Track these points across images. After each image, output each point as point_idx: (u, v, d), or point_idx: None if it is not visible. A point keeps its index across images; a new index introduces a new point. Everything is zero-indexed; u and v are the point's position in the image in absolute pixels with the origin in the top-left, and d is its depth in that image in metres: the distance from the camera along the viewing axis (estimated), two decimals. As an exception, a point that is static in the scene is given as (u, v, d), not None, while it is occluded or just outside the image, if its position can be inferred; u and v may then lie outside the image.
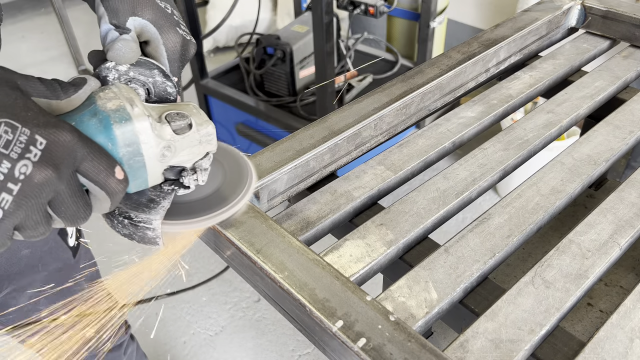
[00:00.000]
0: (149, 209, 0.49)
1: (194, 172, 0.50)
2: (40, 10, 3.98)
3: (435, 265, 0.56)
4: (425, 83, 0.79)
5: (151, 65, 0.51)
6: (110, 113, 0.43)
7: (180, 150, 0.48)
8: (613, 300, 0.69)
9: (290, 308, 0.51)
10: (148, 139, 0.45)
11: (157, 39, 0.51)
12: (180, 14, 0.54)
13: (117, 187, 0.43)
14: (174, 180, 0.50)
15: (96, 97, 0.44)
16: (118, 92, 0.45)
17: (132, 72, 0.50)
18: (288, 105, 2.15)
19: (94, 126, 0.43)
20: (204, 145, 0.50)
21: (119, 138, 0.43)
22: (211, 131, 0.50)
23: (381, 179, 0.68)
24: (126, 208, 0.49)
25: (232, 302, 1.96)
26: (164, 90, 0.52)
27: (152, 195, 0.50)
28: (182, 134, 0.47)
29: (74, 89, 0.44)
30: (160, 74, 0.51)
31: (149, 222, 0.49)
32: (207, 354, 1.81)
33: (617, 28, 0.94)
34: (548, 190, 0.65)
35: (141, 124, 0.44)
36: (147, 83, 0.51)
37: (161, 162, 0.47)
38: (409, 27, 2.31)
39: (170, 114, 0.47)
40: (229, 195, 0.54)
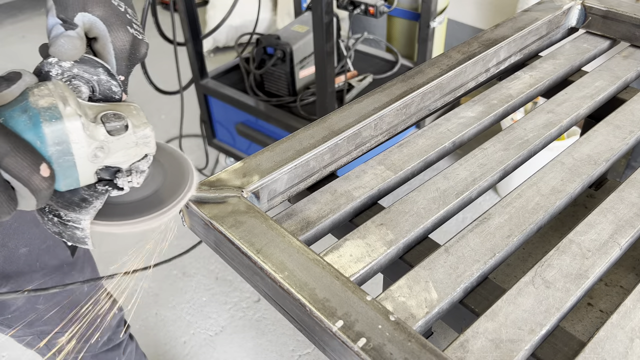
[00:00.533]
0: (80, 208, 0.48)
1: (130, 174, 0.50)
2: (40, 10, 3.98)
3: (435, 265, 0.56)
4: (425, 83, 0.79)
5: (95, 63, 0.50)
6: (40, 110, 0.42)
7: (114, 152, 0.47)
8: (613, 300, 0.69)
9: (290, 308, 0.51)
10: (79, 139, 0.44)
11: (106, 36, 0.50)
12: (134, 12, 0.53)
13: (41, 185, 0.42)
14: (108, 180, 0.49)
15: (29, 93, 0.43)
16: (53, 90, 0.44)
17: (75, 69, 0.49)
18: (288, 105, 2.15)
19: (23, 123, 0.42)
20: (140, 147, 0.49)
21: (47, 136, 0.42)
22: (149, 133, 0.49)
23: (381, 178, 0.68)
24: (57, 206, 0.48)
25: (232, 302, 1.96)
26: (109, 89, 0.51)
27: (85, 195, 0.49)
28: (117, 135, 0.46)
29: (6, 84, 0.43)
30: (105, 72, 0.51)
31: (77, 222, 0.48)
32: (207, 354, 1.81)
33: (617, 28, 0.94)
34: (548, 190, 0.65)
35: (72, 123, 0.43)
36: (92, 81, 0.50)
37: (93, 162, 0.46)
38: (409, 27, 2.31)
39: (107, 115, 0.47)
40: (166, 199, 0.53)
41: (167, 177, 0.55)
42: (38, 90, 0.44)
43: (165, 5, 3.95)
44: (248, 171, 0.64)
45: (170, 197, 0.53)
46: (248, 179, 0.63)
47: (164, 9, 3.94)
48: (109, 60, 0.51)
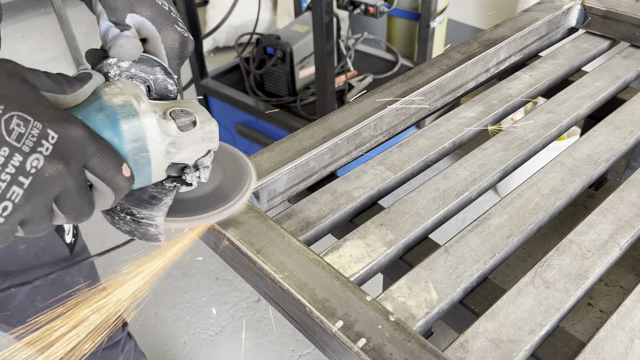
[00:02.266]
0: (151, 205, 0.49)
1: (196, 170, 0.50)
2: (40, 10, 3.98)
3: (435, 266, 0.56)
4: (425, 83, 0.79)
5: (153, 62, 0.51)
6: (117, 108, 0.43)
7: (184, 147, 0.48)
8: (613, 300, 0.69)
9: (290, 308, 0.51)
10: (154, 135, 0.44)
11: (156, 36, 0.51)
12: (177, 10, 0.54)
13: (123, 185, 0.43)
14: (175, 177, 0.50)
15: (102, 92, 0.44)
16: (124, 88, 0.45)
17: (133, 69, 0.50)
18: (288, 105, 2.15)
19: (101, 121, 0.42)
20: (206, 142, 0.50)
21: (125, 133, 0.43)
22: (214, 129, 0.50)
23: (381, 179, 0.68)
24: (128, 204, 0.48)
25: (232, 302, 1.96)
26: (165, 88, 0.52)
27: (154, 192, 0.49)
28: (187, 130, 0.47)
29: (79, 84, 0.43)
30: (162, 71, 0.51)
31: (151, 219, 0.48)
32: (207, 354, 1.81)
33: (617, 28, 0.94)
34: (548, 190, 0.65)
35: (148, 119, 0.44)
36: (148, 80, 0.51)
37: (166, 158, 0.47)
38: (409, 27, 2.31)
39: (175, 111, 0.47)
40: (230, 193, 0.53)
41: (226, 171, 0.56)
42: (109, 89, 0.44)
43: (165, 5, 3.94)
44: (248, 171, 0.64)
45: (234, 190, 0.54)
46: (248, 179, 0.63)
47: (164, 9, 3.93)
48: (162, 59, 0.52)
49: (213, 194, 0.53)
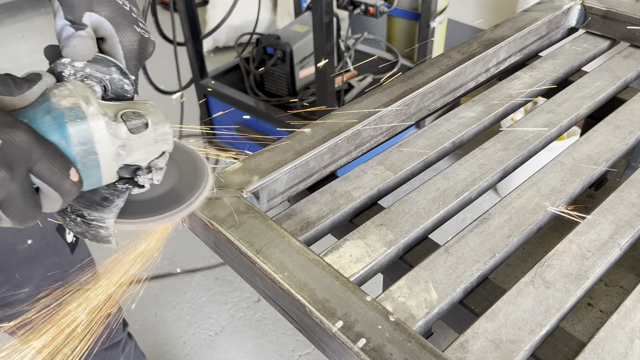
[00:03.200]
0: (102, 207, 0.48)
1: (149, 171, 0.50)
2: (40, 10, 3.98)
3: (435, 266, 0.56)
4: (425, 83, 0.79)
5: (108, 62, 0.50)
6: (64, 111, 0.42)
7: (135, 150, 0.47)
8: (613, 301, 0.69)
9: (290, 308, 0.51)
10: (103, 138, 0.44)
11: (114, 36, 0.50)
12: (139, 10, 0.53)
13: (71, 189, 0.42)
14: (128, 179, 0.50)
15: (50, 94, 0.43)
16: (73, 90, 0.44)
17: (88, 69, 0.49)
18: (288, 105, 2.15)
19: (48, 124, 0.42)
20: (159, 144, 0.49)
21: (72, 136, 0.42)
22: (167, 130, 0.49)
23: (381, 179, 0.68)
24: (79, 206, 0.48)
25: (232, 302, 1.95)
26: (121, 88, 0.51)
27: (106, 194, 0.49)
28: (138, 133, 0.47)
29: (27, 85, 0.43)
30: (118, 71, 0.51)
31: (101, 221, 0.48)
32: (207, 354, 1.81)
33: (617, 28, 0.94)
34: (548, 190, 0.65)
35: (96, 122, 0.43)
36: (104, 80, 0.50)
37: (116, 161, 0.46)
38: (409, 27, 2.31)
39: (126, 113, 0.47)
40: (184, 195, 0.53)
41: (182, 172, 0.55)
42: (58, 90, 0.44)
43: (165, 5, 3.94)
44: (248, 171, 0.64)
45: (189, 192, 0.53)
46: (248, 179, 0.63)
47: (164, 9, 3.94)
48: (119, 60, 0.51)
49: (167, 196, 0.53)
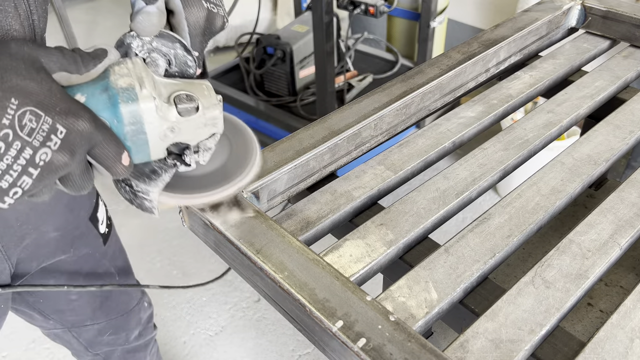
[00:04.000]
0: (150, 179, 0.51)
1: (197, 151, 0.52)
2: (40, 10, 3.97)
3: (435, 265, 0.56)
4: (425, 83, 0.79)
5: (173, 38, 0.52)
6: (119, 91, 0.45)
7: (184, 131, 0.49)
8: (613, 300, 0.69)
9: (290, 308, 0.51)
10: (152, 120, 0.46)
11: (180, 11, 0.51)
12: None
13: (121, 172, 0.46)
14: (177, 155, 0.52)
15: (111, 72, 0.46)
16: (132, 69, 0.46)
17: (155, 43, 0.51)
18: (288, 105, 2.15)
19: (104, 102, 0.45)
20: (209, 127, 0.51)
21: (124, 116, 0.45)
22: (217, 115, 0.51)
23: (381, 179, 0.68)
24: (130, 175, 0.51)
25: (232, 302, 1.95)
26: (185, 64, 0.53)
27: (156, 167, 0.51)
28: (187, 116, 0.48)
29: (93, 63, 0.45)
30: (182, 47, 0.52)
31: (147, 193, 0.51)
32: (207, 354, 1.81)
33: (617, 28, 0.94)
34: (548, 190, 0.65)
35: (146, 105, 0.45)
36: (169, 55, 0.52)
37: (164, 140, 0.49)
38: (409, 27, 2.31)
39: (179, 96, 0.48)
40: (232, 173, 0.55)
41: (233, 150, 0.57)
42: (119, 68, 0.46)
43: (165, 5, 3.94)
44: (248, 171, 0.64)
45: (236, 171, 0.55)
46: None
47: (164, 9, 3.93)
48: (184, 35, 0.52)
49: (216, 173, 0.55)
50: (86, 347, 1.13)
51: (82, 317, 1.05)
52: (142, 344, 1.23)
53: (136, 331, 1.19)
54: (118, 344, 1.16)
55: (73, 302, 1.01)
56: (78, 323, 1.06)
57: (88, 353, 1.15)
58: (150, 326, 1.25)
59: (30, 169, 0.41)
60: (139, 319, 1.18)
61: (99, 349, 1.15)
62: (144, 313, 1.19)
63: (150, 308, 1.24)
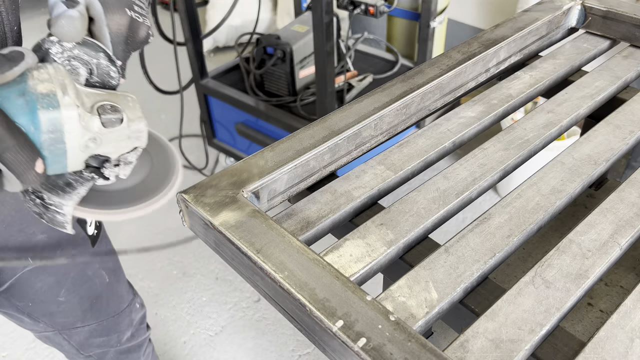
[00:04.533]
0: (64, 192, 0.48)
1: (117, 165, 0.49)
2: (40, 10, 3.98)
3: (435, 265, 0.56)
4: (425, 83, 0.79)
5: (97, 47, 0.49)
6: (39, 97, 0.42)
7: (106, 143, 0.47)
8: (613, 300, 0.69)
9: (290, 308, 0.51)
10: (73, 129, 0.43)
11: (101, 18, 0.48)
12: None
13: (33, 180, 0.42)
14: (95, 168, 0.49)
15: (29, 76, 0.42)
16: (53, 75, 0.43)
17: (76, 50, 0.48)
18: (288, 105, 2.15)
19: (20, 106, 0.41)
20: (132, 140, 0.48)
21: (42, 123, 0.42)
22: (142, 128, 0.48)
23: (381, 178, 0.68)
24: (41, 187, 0.47)
25: (232, 302, 1.95)
26: (107, 74, 0.50)
27: (71, 179, 0.48)
28: (111, 127, 0.46)
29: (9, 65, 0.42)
30: (105, 57, 0.49)
31: (60, 207, 0.48)
32: (207, 354, 1.81)
33: (617, 28, 0.94)
34: (548, 190, 0.65)
35: (68, 112, 0.43)
36: (91, 63, 0.49)
37: (84, 152, 0.46)
38: (409, 27, 2.31)
39: (104, 106, 0.46)
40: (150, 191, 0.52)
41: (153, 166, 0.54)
42: (38, 73, 0.43)
43: (165, 5, 3.95)
44: (248, 171, 0.64)
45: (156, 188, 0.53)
46: (248, 178, 0.63)
47: (164, 8, 3.94)
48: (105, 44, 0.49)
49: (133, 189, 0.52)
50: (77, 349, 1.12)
51: (72, 319, 1.04)
52: (135, 345, 1.23)
53: (128, 333, 1.18)
54: (110, 345, 1.16)
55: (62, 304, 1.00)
56: (68, 325, 1.05)
57: (80, 355, 1.15)
58: (142, 327, 1.24)
59: None
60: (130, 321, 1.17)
61: (91, 350, 1.14)
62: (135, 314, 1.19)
63: (143, 309, 1.23)
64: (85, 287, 1.02)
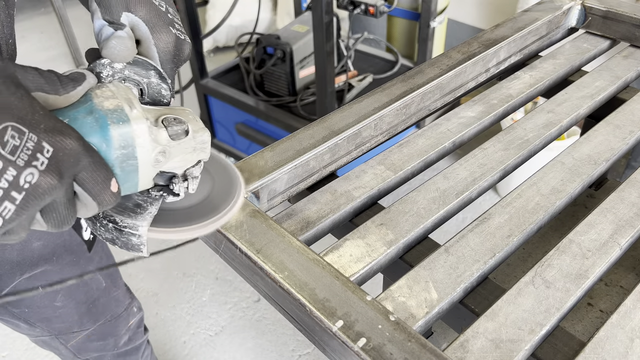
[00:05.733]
0: (135, 214, 0.47)
1: (185, 180, 0.48)
2: (40, 10, 3.98)
3: (435, 265, 0.56)
4: (425, 83, 0.79)
5: (148, 65, 0.49)
6: (107, 113, 0.41)
7: (174, 156, 0.46)
8: (613, 300, 0.69)
9: (291, 308, 0.51)
10: (144, 143, 0.43)
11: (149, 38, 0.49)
12: (175, 11, 0.51)
13: (110, 200, 0.41)
14: (163, 186, 0.48)
15: (93, 95, 0.42)
16: (116, 92, 0.43)
17: (127, 71, 0.48)
18: (288, 105, 2.15)
19: (90, 125, 0.41)
20: (197, 152, 0.48)
21: (114, 139, 0.41)
22: (206, 139, 0.48)
23: (381, 178, 0.68)
24: (111, 211, 0.46)
25: (232, 302, 1.95)
26: (159, 92, 0.50)
27: (139, 200, 0.48)
28: (178, 139, 0.45)
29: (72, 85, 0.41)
30: (157, 75, 0.49)
31: (135, 228, 0.47)
32: (207, 354, 1.81)
33: (617, 28, 0.94)
34: (548, 190, 0.65)
35: (139, 126, 0.42)
36: (142, 83, 0.49)
37: (154, 167, 0.45)
38: (409, 27, 2.31)
39: (168, 119, 0.45)
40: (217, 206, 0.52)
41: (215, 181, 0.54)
42: (101, 91, 0.42)
43: (165, 5, 3.94)
44: (248, 171, 0.64)
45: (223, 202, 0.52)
46: (248, 178, 0.63)
47: (164, 9, 3.93)
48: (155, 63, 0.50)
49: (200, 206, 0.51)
50: (74, 353, 1.12)
51: (69, 324, 1.04)
52: (132, 349, 1.23)
53: (125, 337, 1.18)
54: (107, 349, 1.16)
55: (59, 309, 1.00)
56: (65, 330, 1.04)
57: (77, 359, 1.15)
58: (140, 331, 1.24)
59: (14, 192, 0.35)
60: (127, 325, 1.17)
61: (88, 355, 1.14)
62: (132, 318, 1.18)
63: (140, 312, 1.22)
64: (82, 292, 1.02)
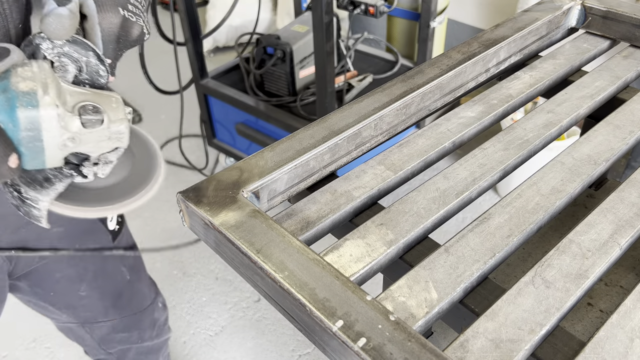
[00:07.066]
0: (42, 187, 0.48)
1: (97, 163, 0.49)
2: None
3: (435, 265, 0.56)
4: (425, 83, 0.79)
5: (87, 46, 0.49)
6: (19, 95, 0.42)
7: (85, 143, 0.47)
8: (613, 300, 0.69)
9: (290, 308, 0.51)
10: (51, 128, 0.43)
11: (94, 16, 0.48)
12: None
13: (6, 174, 0.42)
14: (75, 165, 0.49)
15: (12, 73, 0.42)
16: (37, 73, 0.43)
17: (66, 47, 0.48)
18: (288, 105, 2.15)
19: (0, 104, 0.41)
20: (112, 141, 0.49)
21: (21, 121, 0.42)
22: (123, 130, 0.48)
23: (381, 178, 0.68)
24: (19, 180, 0.48)
25: (232, 302, 1.96)
26: (96, 72, 0.50)
27: (50, 175, 0.48)
28: (91, 128, 0.46)
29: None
30: (95, 56, 0.49)
31: (36, 201, 0.48)
32: (207, 354, 1.81)
33: (617, 28, 0.94)
34: (548, 190, 0.65)
35: (47, 112, 0.43)
36: (80, 61, 0.49)
37: (62, 150, 0.46)
38: (409, 27, 2.31)
39: (85, 107, 0.46)
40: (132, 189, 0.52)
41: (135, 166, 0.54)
42: (22, 70, 0.43)
43: (165, 5, 3.95)
44: (248, 171, 0.64)
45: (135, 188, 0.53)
46: (248, 178, 0.63)
47: (164, 9, 3.94)
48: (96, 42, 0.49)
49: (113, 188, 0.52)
50: (99, 343, 1.13)
51: (94, 314, 1.05)
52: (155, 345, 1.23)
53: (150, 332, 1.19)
54: (131, 342, 1.16)
55: (83, 299, 1.01)
56: (91, 319, 1.06)
57: (101, 350, 1.15)
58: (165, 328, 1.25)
59: None
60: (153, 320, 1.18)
61: (112, 346, 1.14)
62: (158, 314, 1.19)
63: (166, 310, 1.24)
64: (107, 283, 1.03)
